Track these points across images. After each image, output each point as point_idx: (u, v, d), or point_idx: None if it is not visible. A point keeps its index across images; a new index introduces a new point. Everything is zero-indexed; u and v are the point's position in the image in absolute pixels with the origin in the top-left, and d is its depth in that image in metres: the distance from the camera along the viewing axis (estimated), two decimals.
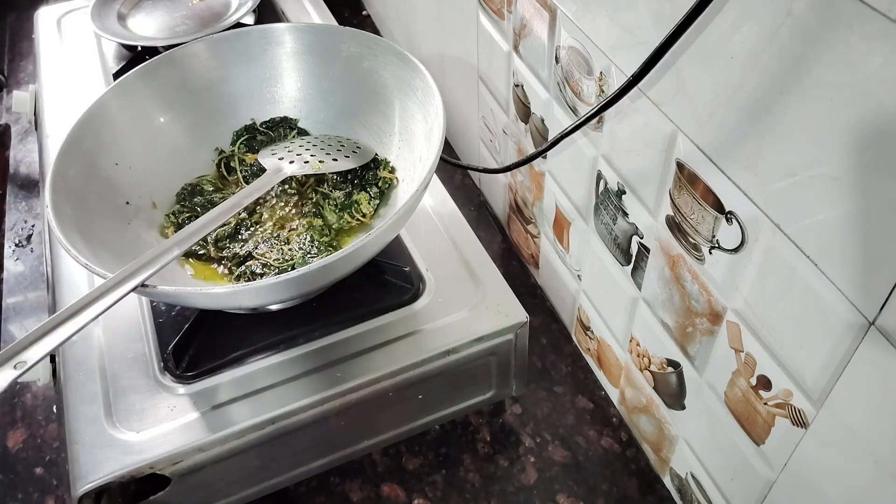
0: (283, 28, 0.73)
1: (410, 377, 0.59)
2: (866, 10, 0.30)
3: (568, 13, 0.55)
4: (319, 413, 0.57)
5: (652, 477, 0.66)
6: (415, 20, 0.97)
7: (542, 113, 0.65)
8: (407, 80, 0.67)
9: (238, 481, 0.60)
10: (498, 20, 0.69)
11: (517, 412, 0.70)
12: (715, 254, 0.46)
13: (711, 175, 0.44)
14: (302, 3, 1.01)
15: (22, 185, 0.97)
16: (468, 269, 0.65)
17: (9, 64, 1.16)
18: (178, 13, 0.96)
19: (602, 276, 0.64)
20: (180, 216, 0.67)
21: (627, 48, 0.49)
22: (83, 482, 0.52)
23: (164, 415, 0.56)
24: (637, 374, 0.63)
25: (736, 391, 0.49)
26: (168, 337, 0.60)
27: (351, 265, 0.56)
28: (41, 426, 0.71)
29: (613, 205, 0.57)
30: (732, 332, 0.47)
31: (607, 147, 0.56)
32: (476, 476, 0.66)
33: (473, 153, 0.91)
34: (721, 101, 0.41)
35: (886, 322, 0.35)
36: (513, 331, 0.61)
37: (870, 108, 0.32)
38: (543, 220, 0.74)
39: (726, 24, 0.39)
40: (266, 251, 0.64)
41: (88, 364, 0.59)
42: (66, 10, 1.03)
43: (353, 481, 0.66)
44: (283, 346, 0.60)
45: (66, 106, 0.86)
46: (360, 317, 0.62)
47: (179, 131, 0.71)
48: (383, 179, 0.68)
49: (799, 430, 0.44)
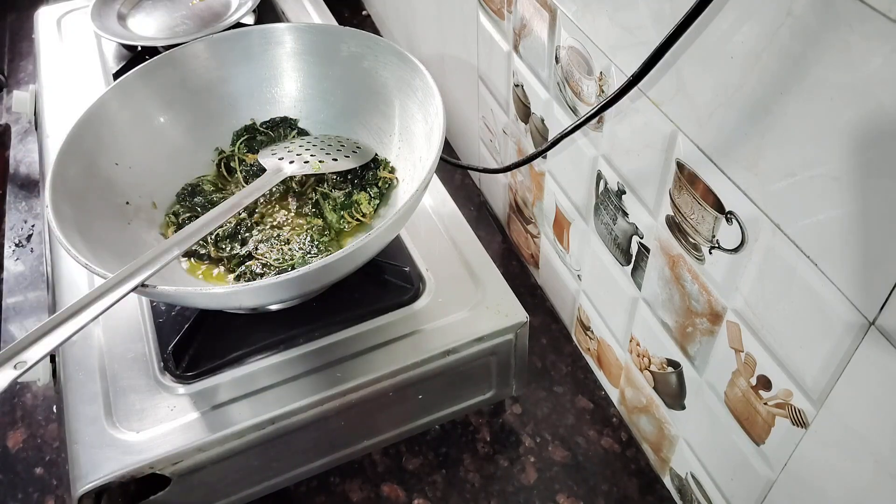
0: (283, 28, 0.73)
1: (410, 377, 0.59)
2: (866, 10, 0.30)
3: (568, 13, 0.55)
4: (319, 413, 0.57)
5: (652, 477, 0.66)
6: (415, 20, 0.97)
7: (542, 113, 0.65)
8: (407, 80, 0.67)
9: (238, 481, 0.60)
10: (498, 20, 0.69)
11: (517, 412, 0.70)
12: (715, 254, 0.46)
13: (711, 175, 0.44)
14: (302, 3, 1.01)
15: (22, 185, 0.97)
16: (468, 269, 0.65)
17: (9, 64, 1.16)
18: (178, 13, 0.96)
19: (602, 276, 0.64)
20: (180, 216, 0.67)
21: (627, 48, 0.49)
22: (83, 482, 0.52)
23: (164, 415, 0.56)
24: (637, 374, 0.63)
25: (736, 391, 0.49)
26: (168, 337, 0.60)
27: (351, 265, 0.56)
28: (41, 426, 0.71)
29: (613, 205, 0.57)
30: (732, 332, 0.47)
31: (607, 147, 0.56)
32: (476, 476, 0.66)
33: (473, 153, 0.91)
34: (721, 101, 0.41)
35: (886, 322, 0.35)
36: (513, 331, 0.61)
37: (870, 108, 0.32)
38: (543, 220, 0.74)
39: (726, 24, 0.39)
40: (266, 251, 0.64)
41: (88, 364, 0.59)
42: (66, 10, 1.03)
43: (353, 481, 0.66)
44: (283, 346, 0.60)
45: (66, 106, 0.86)
46: (360, 317, 0.62)
47: (179, 131, 0.71)
48: (383, 179, 0.68)
49: (799, 430, 0.44)
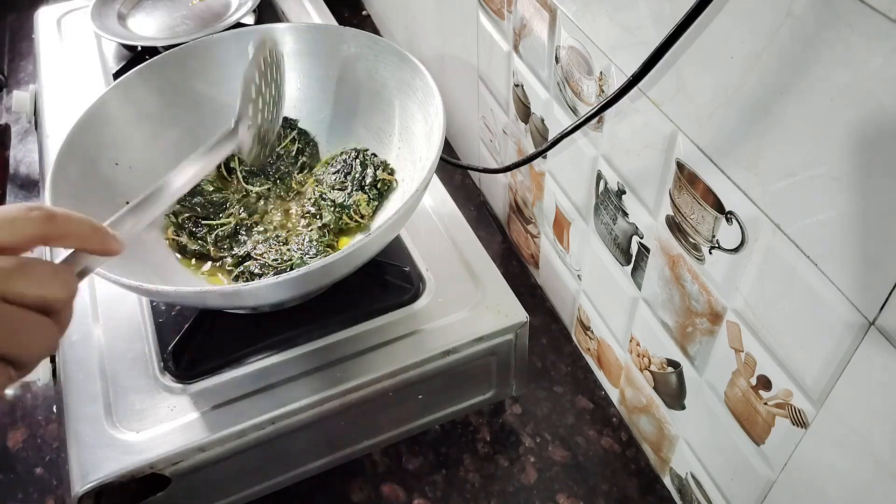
0: (283, 28, 0.73)
1: (410, 377, 0.59)
2: (866, 10, 0.30)
3: (568, 13, 0.55)
4: (319, 413, 0.57)
5: (652, 477, 0.66)
6: (415, 20, 0.97)
7: (542, 113, 0.65)
8: (407, 80, 0.67)
9: (238, 481, 0.60)
10: (498, 20, 0.69)
11: (517, 412, 0.70)
12: (715, 254, 0.46)
13: (711, 175, 0.44)
14: (302, 3, 1.01)
15: (22, 185, 0.97)
16: (468, 269, 0.65)
17: (9, 64, 1.16)
18: (178, 13, 0.96)
19: (602, 276, 0.64)
20: (180, 216, 0.67)
21: (627, 48, 0.49)
22: (83, 482, 0.52)
23: (164, 415, 0.56)
24: (637, 374, 0.63)
25: (736, 391, 0.49)
26: (168, 337, 0.60)
27: (351, 265, 0.56)
28: (41, 426, 0.71)
29: (613, 205, 0.57)
30: (732, 332, 0.47)
31: (607, 147, 0.56)
32: (476, 476, 0.66)
33: (473, 153, 0.91)
34: (721, 101, 0.41)
35: (886, 322, 0.35)
36: (513, 331, 0.61)
37: (870, 108, 0.32)
38: (543, 220, 0.74)
39: (726, 24, 0.39)
40: (265, 251, 0.64)
41: (88, 364, 0.59)
42: (66, 10, 1.03)
43: (353, 481, 0.66)
44: (283, 346, 0.60)
45: (66, 106, 0.86)
46: (360, 317, 0.62)
47: (179, 131, 0.71)
48: (382, 181, 0.68)
49: (799, 430, 0.44)
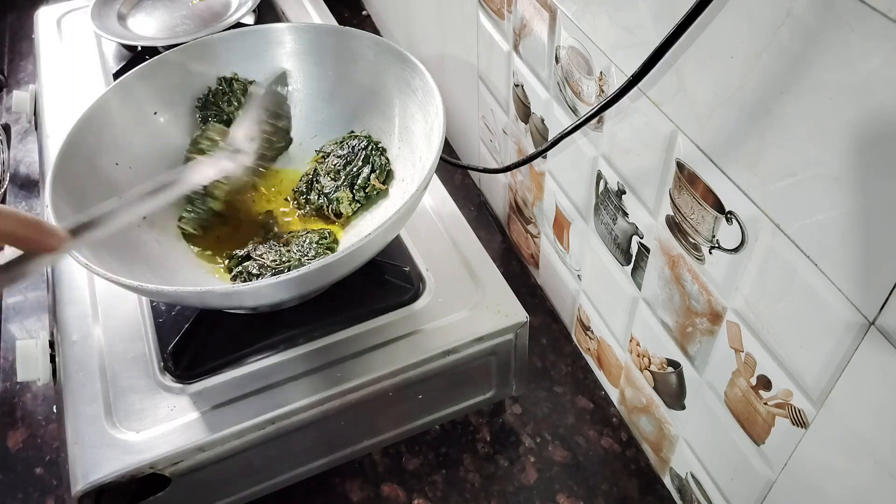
0: (283, 28, 0.73)
1: (410, 377, 0.59)
2: (866, 10, 0.30)
3: (568, 13, 0.55)
4: (319, 413, 0.57)
5: (652, 477, 0.66)
6: (415, 20, 0.97)
7: (542, 113, 0.65)
8: (407, 80, 0.67)
9: (238, 481, 0.60)
10: (498, 20, 0.69)
11: (517, 412, 0.70)
12: (715, 254, 0.46)
13: (711, 175, 0.44)
14: (302, 3, 1.01)
15: (22, 185, 0.97)
16: (468, 269, 0.65)
17: (9, 64, 1.16)
18: (178, 13, 0.96)
19: (602, 276, 0.64)
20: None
21: (627, 48, 0.49)
22: (83, 482, 0.52)
23: (164, 415, 0.56)
24: (637, 374, 0.63)
25: (736, 391, 0.49)
26: (168, 337, 0.60)
27: (350, 265, 0.56)
28: (41, 426, 0.71)
29: (613, 205, 0.57)
30: (732, 332, 0.47)
31: (607, 147, 0.56)
32: (476, 476, 0.66)
33: (473, 153, 0.91)
34: (721, 101, 0.41)
35: (886, 322, 0.35)
36: (513, 331, 0.61)
37: (870, 108, 0.32)
38: (543, 220, 0.74)
39: (726, 23, 0.39)
40: (264, 252, 0.64)
41: (88, 364, 0.59)
42: (66, 10, 1.03)
43: (353, 481, 0.66)
44: (283, 346, 0.60)
45: (66, 106, 0.86)
46: (360, 317, 0.62)
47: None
48: (372, 186, 0.68)
49: (799, 430, 0.44)
